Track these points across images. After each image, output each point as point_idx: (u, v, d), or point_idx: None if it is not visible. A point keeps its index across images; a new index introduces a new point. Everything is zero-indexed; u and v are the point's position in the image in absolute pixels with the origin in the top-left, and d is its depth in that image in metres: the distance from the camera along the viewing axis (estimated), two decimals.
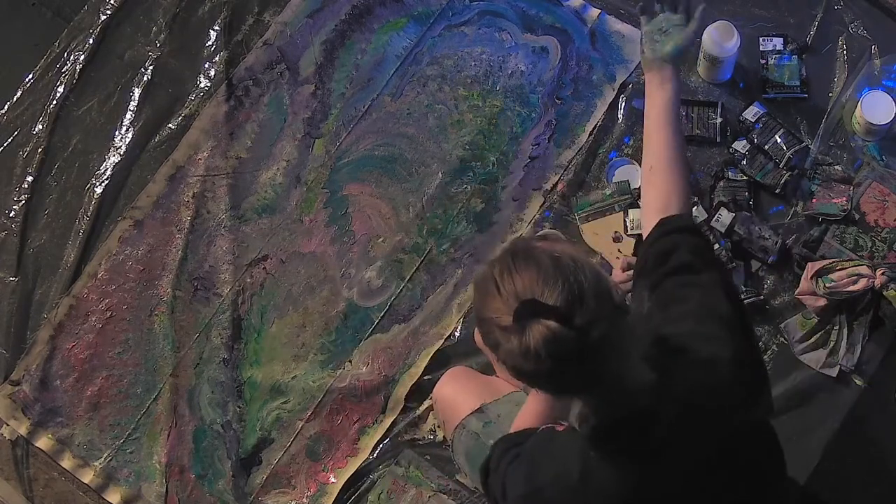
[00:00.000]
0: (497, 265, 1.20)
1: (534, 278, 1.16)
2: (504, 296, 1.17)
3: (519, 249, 1.20)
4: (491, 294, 1.18)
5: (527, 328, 1.14)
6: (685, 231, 1.44)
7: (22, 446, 2.09)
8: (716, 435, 1.31)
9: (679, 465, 1.29)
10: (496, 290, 1.18)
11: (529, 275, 1.16)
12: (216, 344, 2.12)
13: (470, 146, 2.21)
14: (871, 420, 1.94)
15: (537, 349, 1.13)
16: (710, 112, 2.15)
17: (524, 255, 1.19)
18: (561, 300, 1.14)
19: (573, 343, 1.14)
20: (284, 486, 2.03)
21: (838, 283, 1.93)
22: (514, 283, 1.16)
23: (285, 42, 2.33)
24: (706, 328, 1.33)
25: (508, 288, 1.17)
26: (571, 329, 1.13)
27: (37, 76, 2.36)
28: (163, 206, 2.23)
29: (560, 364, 1.15)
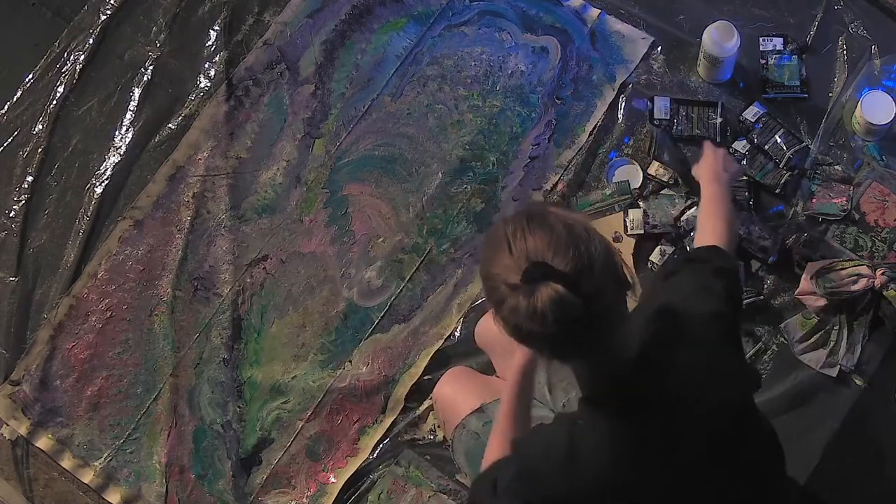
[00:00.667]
0: (511, 224, 1.21)
1: (546, 242, 1.18)
2: (515, 255, 1.18)
3: (534, 212, 1.22)
4: (501, 251, 1.20)
5: (535, 290, 1.15)
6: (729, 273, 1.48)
7: (22, 446, 2.09)
8: (706, 410, 1.31)
9: (669, 442, 1.30)
10: (507, 248, 1.19)
11: (542, 238, 1.18)
12: (216, 344, 2.12)
13: (470, 146, 2.21)
14: (871, 420, 1.94)
15: (544, 311, 1.15)
16: (710, 112, 2.15)
17: (539, 219, 1.21)
18: (570, 266, 1.16)
19: (579, 309, 1.15)
20: (284, 486, 2.03)
21: (838, 283, 1.93)
22: (525, 244, 1.18)
23: (285, 42, 2.33)
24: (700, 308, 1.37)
25: (520, 247, 1.18)
26: (578, 296, 1.15)
27: (37, 76, 2.36)
28: (163, 206, 2.23)
29: (563, 328, 1.17)
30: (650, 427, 1.29)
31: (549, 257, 1.17)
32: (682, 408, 1.29)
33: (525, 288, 1.16)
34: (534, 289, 1.15)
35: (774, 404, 1.94)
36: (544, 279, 1.15)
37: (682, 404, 1.30)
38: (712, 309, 1.37)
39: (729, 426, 1.34)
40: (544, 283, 1.15)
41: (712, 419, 1.32)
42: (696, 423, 1.31)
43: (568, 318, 1.16)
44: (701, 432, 1.31)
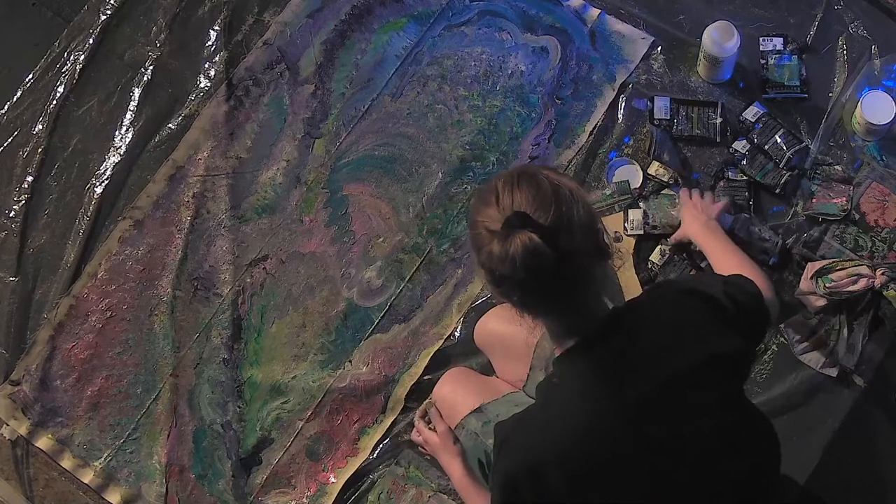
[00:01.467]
0: (502, 179, 1.30)
1: (531, 197, 1.26)
2: (500, 207, 1.26)
3: (526, 170, 1.30)
4: (489, 203, 1.28)
5: (511, 235, 1.22)
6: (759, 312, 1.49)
7: (22, 446, 2.10)
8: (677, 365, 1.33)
9: (638, 399, 1.31)
10: (494, 200, 1.28)
11: (528, 193, 1.26)
12: (216, 344, 2.12)
13: (470, 146, 2.21)
14: (871, 420, 1.94)
15: (514, 256, 1.22)
16: (710, 112, 2.15)
17: (528, 177, 1.28)
18: (550, 222, 1.24)
19: (549, 260, 1.22)
20: (284, 486, 2.03)
21: (838, 283, 1.93)
22: (512, 198, 1.26)
23: (285, 42, 2.33)
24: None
25: (506, 201, 1.26)
26: (552, 248, 1.21)
27: (37, 76, 2.36)
28: (163, 206, 2.23)
29: (532, 276, 1.23)
30: (618, 383, 1.32)
31: (531, 211, 1.24)
32: (651, 362, 1.33)
33: (503, 234, 1.23)
34: (510, 234, 1.22)
35: (774, 404, 1.94)
36: (522, 227, 1.22)
37: (651, 359, 1.33)
38: (695, 287, 1.43)
39: (704, 385, 1.35)
40: (521, 231, 1.22)
41: (685, 380, 1.33)
42: (665, 379, 1.32)
43: (537, 266, 1.22)
44: (673, 390, 1.33)
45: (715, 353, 1.35)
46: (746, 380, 1.49)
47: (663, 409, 1.32)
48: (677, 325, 1.37)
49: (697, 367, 1.34)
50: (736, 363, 1.40)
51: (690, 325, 1.37)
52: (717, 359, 1.36)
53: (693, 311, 1.39)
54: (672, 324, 1.37)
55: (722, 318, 1.39)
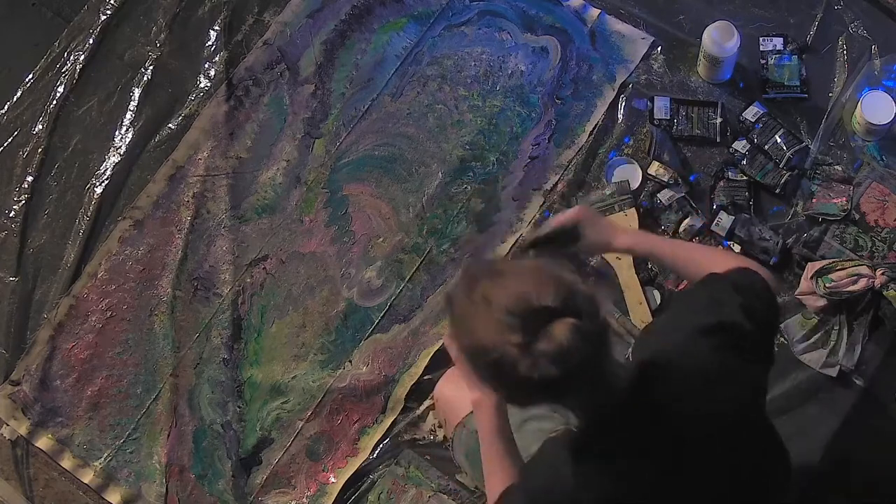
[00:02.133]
0: (475, 290, 1.18)
1: (521, 290, 1.15)
2: (499, 316, 1.14)
3: (490, 270, 1.20)
4: (482, 321, 1.16)
5: (549, 332, 1.12)
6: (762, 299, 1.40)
7: (22, 446, 2.09)
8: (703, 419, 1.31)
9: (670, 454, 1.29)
10: (487, 315, 1.15)
11: (516, 288, 1.15)
12: (216, 344, 2.12)
13: (470, 146, 2.21)
14: (871, 420, 1.94)
15: (571, 347, 1.12)
16: (710, 112, 2.15)
17: (498, 273, 1.18)
18: (559, 299, 1.14)
19: (593, 333, 1.14)
20: (284, 486, 2.03)
21: (838, 283, 1.93)
22: (504, 300, 1.14)
23: (285, 42, 2.33)
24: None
25: (500, 306, 1.14)
26: (584, 321, 1.14)
27: (37, 76, 2.36)
28: (163, 206, 2.23)
29: (590, 355, 1.14)
30: (649, 441, 1.28)
31: (533, 301, 1.14)
32: (678, 419, 1.29)
33: (536, 337, 1.12)
34: (547, 332, 1.12)
35: (774, 404, 1.94)
36: (549, 320, 1.12)
37: (678, 415, 1.29)
38: (714, 321, 1.33)
39: (731, 433, 1.33)
40: (553, 322, 1.12)
41: (711, 428, 1.31)
42: (694, 432, 1.30)
43: (590, 344, 1.14)
44: (701, 441, 1.30)
45: (740, 405, 1.33)
46: (765, 394, 1.46)
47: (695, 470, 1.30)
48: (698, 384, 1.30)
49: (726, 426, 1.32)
50: (756, 392, 1.39)
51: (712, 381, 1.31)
52: (743, 410, 1.34)
53: (713, 361, 1.32)
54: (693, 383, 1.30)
55: (742, 356, 1.33)
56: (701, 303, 1.38)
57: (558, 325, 1.12)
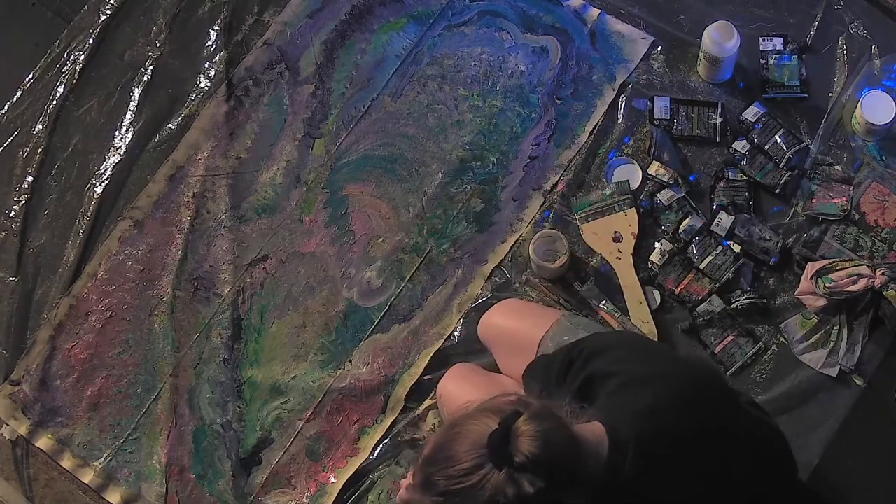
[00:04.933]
0: (428, 476, 1.22)
1: (458, 439, 1.21)
2: (464, 466, 1.19)
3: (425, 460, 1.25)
4: (465, 489, 1.20)
5: (515, 444, 1.17)
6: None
7: (22, 446, 2.09)
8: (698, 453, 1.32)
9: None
10: (453, 477, 1.20)
11: (452, 445, 1.21)
12: (216, 344, 2.12)
13: (470, 146, 2.21)
14: (871, 420, 1.94)
15: (542, 430, 1.17)
16: (710, 112, 2.15)
17: (433, 452, 1.23)
18: (493, 421, 1.20)
19: (546, 413, 1.19)
20: (284, 486, 2.03)
21: (838, 283, 1.93)
22: (457, 457, 1.20)
23: (285, 42, 2.33)
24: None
25: (461, 468, 1.19)
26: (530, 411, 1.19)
27: (37, 76, 2.36)
28: (163, 206, 2.23)
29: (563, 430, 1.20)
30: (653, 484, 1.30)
31: (475, 438, 1.19)
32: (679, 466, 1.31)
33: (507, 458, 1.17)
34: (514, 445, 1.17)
35: (774, 404, 1.94)
36: (505, 436, 1.18)
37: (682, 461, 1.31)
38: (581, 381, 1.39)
39: (717, 450, 1.35)
40: (509, 437, 1.17)
41: (727, 454, 1.33)
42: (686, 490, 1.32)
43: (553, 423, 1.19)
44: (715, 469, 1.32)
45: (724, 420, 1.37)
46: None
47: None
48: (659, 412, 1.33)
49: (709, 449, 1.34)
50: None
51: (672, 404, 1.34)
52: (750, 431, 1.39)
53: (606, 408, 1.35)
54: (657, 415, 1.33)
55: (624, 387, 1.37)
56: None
57: (516, 431, 1.18)
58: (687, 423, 1.32)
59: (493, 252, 2.13)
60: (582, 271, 2.08)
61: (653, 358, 1.43)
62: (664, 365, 1.40)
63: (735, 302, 2.01)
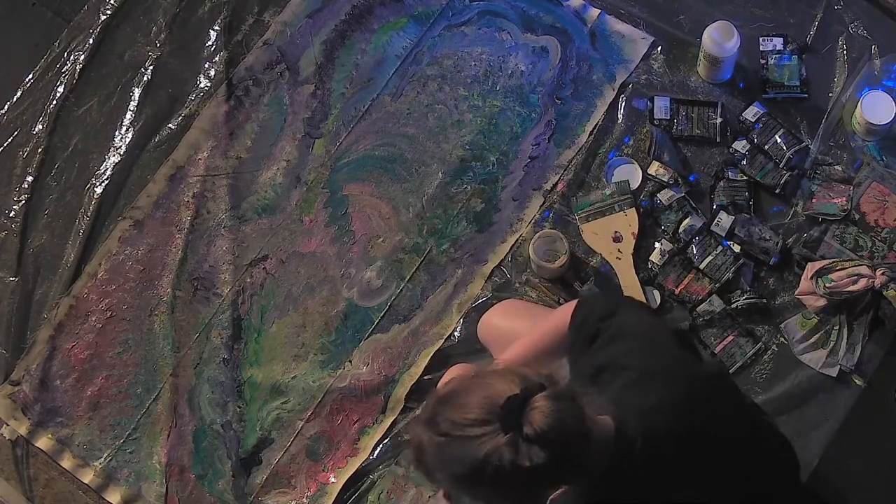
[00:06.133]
0: (437, 423, 1.21)
1: (478, 397, 1.19)
2: (476, 430, 1.18)
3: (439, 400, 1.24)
4: (463, 440, 1.19)
5: (528, 416, 1.16)
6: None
7: (22, 446, 2.09)
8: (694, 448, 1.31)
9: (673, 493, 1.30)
10: (462, 435, 1.19)
11: (470, 400, 1.20)
12: (216, 344, 2.12)
13: (470, 146, 2.21)
14: (871, 420, 1.94)
15: (556, 411, 1.16)
16: (710, 112, 2.15)
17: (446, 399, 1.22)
18: (516, 386, 1.19)
19: (565, 395, 1.19)
20: (284, 486, 2.03)
21: (838, 283, 1.93)
22: (470, 416, 1.19)
23: (285, 42, 2.33)
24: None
25: (471, 423, 1.18)
26: (550, 390, 1.18)
27: (37, 76, 2.36)
28: (163, 206, 2.23)
29: (577, 415, 1.19)
30: (651, 492, 1.30)
31: (497, 397, 1.18)
32: (667, 443, 1.30)
33: (518, 426, 1.17)
34: (526, 417, 1.16)
35: (774, 404, 1.94)
36: (521, 406, 1.17)
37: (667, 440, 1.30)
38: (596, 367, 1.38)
39: (721, 452, 1.35)
40: (525, 407, 1.17)
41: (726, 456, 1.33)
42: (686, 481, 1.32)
43: (570, 405, 1.18)
44: (693, 455, 1.32)
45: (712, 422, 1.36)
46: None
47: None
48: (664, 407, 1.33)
49: (713, 449, 1.34)
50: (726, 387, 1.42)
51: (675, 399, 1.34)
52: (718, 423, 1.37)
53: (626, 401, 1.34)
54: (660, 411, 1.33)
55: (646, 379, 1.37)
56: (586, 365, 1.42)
57: (533, 404, 1.17)
58: (692, 424, 1.32)
59: (493, 252, 2.13)
60: (582, 271, 2.08)
61: (668, 355, 1.42)
62: (678, 364, 1.40)
63: (735, 302, 2.01)
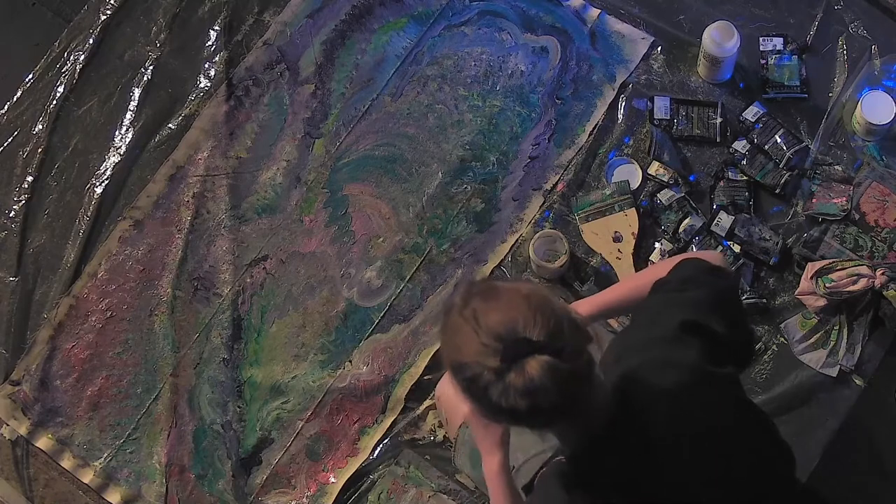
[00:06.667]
0: (468, 306, 1.18)
1: (511, 315, 1.15)
2: (483, 336, 1.15)
3: (486, 289, 1.20)
4: (467, 336, 1.17)
5: (523, 366, 1.13)
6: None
7: (22, 446, 2.09)
8: (693, 431, 1.31)
9: (660, 480, 1.29)
10: (473, 331, 1.16)
11: (506, 313, 1.16)
12: (216, 344, 2.12)
13: (470, 146, 2.21)
14: (871, 420, 1.95)
15: (542, 384, 1.13)
16: (710, 112, 2.15)
17: (493, 294, 1.18)
18: (544, 334, 1.15)
19: (568, 373, 1.15)
20: (284, 486, 2.03)
21: (838, 283, 1.93)
22: (491, 323, 1.15)
23: (285, 42, 2.33)
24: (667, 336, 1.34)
25: (486, 327, 1.15)
26: (562, 360, 1.14)
27: (37, 76, 2.36)
28: (163, 206, 2.23)
29: (560, 396, 1.15)
30: (637, 468, 1.29)
31: (519, 330, 1.15)
32: (662, 442, 1.29)
33: (511, 367, 1.14)
34: (522, 365, 1.13)
35: (774, 404, 1.94)
36: (528, 353, 1.14)
37: (662, 439, 1.29)
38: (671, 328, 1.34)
39: (721, 442, 1.33)
40: (530, 357, 1.13)
41: (698, 443, 1.31)
42: (682, 452, 1.30)
43: (565, 383, 1.14)
44: (690, 459, 1.30)
45: (724, 410, 1.34)
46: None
47: (689, 486, 1.31)
48: (676, 401, 1.31)
49: (715, 435, 1.32)
50: (736, 389, 1.39)
51: (689, 394, 1.31)
52: (729, 413, 1.35)
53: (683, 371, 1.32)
54: (671, 402, 1.31)
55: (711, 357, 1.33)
56: (651, 314, 1.39)
57: (533, 361, 1.13)
58: (694, 414, 1.31)
59: (493, 252, 2.13)
60: (582, 271, 2.08)
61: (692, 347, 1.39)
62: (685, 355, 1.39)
63: None
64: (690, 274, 1.42)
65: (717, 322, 1.34)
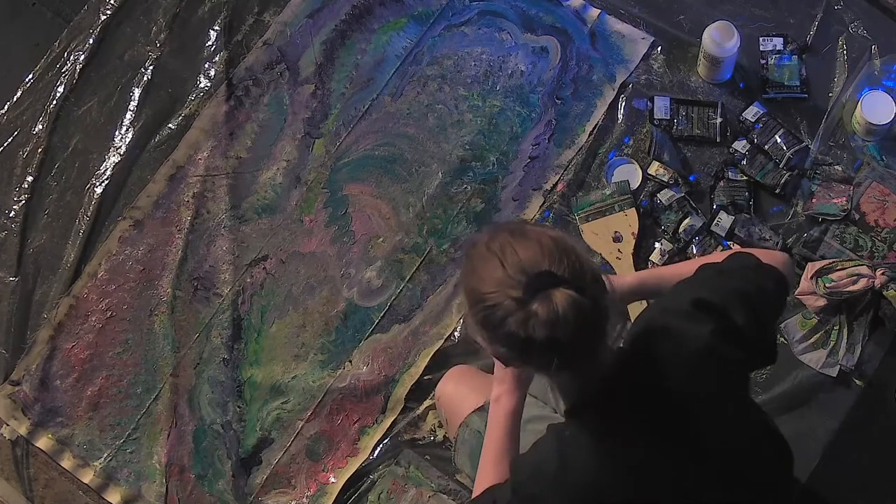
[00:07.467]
0: (495, 240, 1.21)
1: (538, 252, 1.18)
2: (508, 269, 1.18)
3: (514, 227, 1.23)
4: (491, 267, 1.19)
5: (549, 296, 1.15)
6: None
7: (22, 446, 2.09)
8: (691, 403, 1.31)
9: (657, 438, 1.29)
10: (499, 264, 1.19)
11: (533, 248, 1.19)
12: (216, 344, 2.12)
13: (470, 146, 2.21)
14: (871, 420, 1.94)
15: (566, 316, 1.15)
16: (710, 112, 2.15)
17: (521, 232, 1.22)
18: (568, 272, 1.17)
19: (592, 313, 1.17)
20: (284, 486, 2.03)
21: (838, 283, 1.93)
22: (518, 257, 1.18)
23: (285, 42, 2.33)
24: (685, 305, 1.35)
25: (512, 261, 1.18)
26: (587, 298, 1.16)
27: (37, 76, 2.36)
28: (163, 206, 2.23)
29: (580, 333, 1.17)
30: (635, 425, 1.29)
31: (545, 266, 1.17)
32: (663, 400, 1.29)
33: (537, 297, 1.15)
34: (548, 296, 1.15)
35: (774, 404, 1.94)
36: (553, 286, 1.15)
37: (664, 397, 1.30)
38: (700, 303, 1.34)
39: (720, 416, 1.33)
40: (555, 289, 1.15)
41: (699, 410, 1.31)
42: (681, 415, 1.30)
43: (583, 322, 1.16)
44: (688, 423, 1.30)
45: (727, 389, 1.34)
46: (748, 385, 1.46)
47: (683, 452, 1.31)
48: (684, 366, 1.31)
49: (714, 408, 1.32)
50: (740, 374, 1.39)
51: (698, 364, 1.31)
52: (730, 394, 1.35)
53: (698, 343, 1.32)
54: (679, 366, 1.31)
55: (728, 341, 1.33)
56: (678, 289, 1.40)
57: (559, 292, 1.15)
58: (694, 391, 1.31)
59: None
60: None
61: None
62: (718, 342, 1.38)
63: None
64: (733, 266, 1.43)
65: (738, 313, 1.34)
